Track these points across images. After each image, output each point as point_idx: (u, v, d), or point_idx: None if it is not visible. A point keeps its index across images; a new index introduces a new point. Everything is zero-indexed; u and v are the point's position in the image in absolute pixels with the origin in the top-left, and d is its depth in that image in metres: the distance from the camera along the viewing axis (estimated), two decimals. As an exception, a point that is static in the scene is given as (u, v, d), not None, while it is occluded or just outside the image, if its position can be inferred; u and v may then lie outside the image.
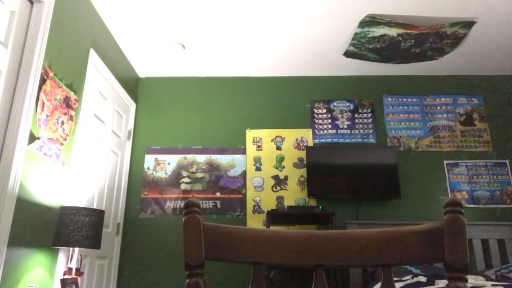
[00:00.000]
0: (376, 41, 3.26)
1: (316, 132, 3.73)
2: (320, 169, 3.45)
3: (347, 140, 3.70)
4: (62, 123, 2.38)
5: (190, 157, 3.67)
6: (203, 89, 3.89)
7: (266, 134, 3.73)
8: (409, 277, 2.46)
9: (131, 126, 3.71)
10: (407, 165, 3.57)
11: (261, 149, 3.68)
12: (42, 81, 2.16)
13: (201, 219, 0.66)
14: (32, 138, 2.07)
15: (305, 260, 0.66)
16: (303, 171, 3.59)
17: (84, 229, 2.15)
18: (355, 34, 3.17)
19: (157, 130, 3.78)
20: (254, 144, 3.70)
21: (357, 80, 3.89)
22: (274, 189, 3.57)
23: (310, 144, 3.69)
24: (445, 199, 0.62)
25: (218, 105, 3.82)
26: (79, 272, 2.28)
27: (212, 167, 3.64)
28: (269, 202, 3.51)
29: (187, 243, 0.65)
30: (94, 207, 2.85)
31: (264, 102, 3.83)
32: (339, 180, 3.42)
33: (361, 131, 3.74)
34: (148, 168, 3.64)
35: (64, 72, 2.42)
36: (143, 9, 2.91)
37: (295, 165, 3.63)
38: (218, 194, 3.54)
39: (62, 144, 2.37)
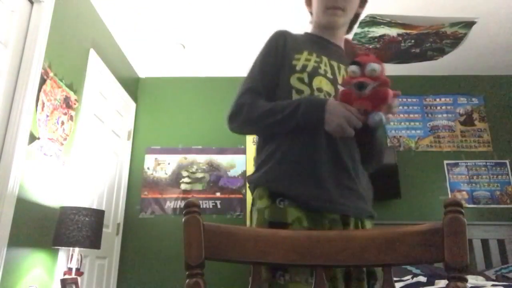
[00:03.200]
0: (376, 41, 3.26)
1: (316, 132, 3.73)
2: (320, 169, 3.44)
3: (347, 140, 3.70)
4: (62, 123, 2.38)
5: (190, 157, 3.67)
6: (203, 89, 3.89)
7: (266, 134, 3.72)
8: (409, 277, 2.46)
9: (131, 126, 3.71)
10: (407, 165, 3.56)
11: (261, 149, 3.68)
12: (42, 81, 2.16)
13: (201, 219, 0.66)
14: (32, 138, 2.07)
15: (305, 260, 0.66)
16: (303, 171, 3.58)
17: (84, 229, 2.15)
18: (355, 34, 3.17)
19: (157, 130, 3.78)
20: (254, 144, 3.69)
21: (357, 80, 3.88)
22: (274, 189, 3.56)
23: (310, 144, 3.68)
24: (445, 199, 0.63)
25: (218, 105, 3.81)
26: (79, 272, 2.28)
27: (212, 167, 3.64)
28: (269, 202, 3.50)
29: (187, 243, 0.65)
30: (94, 207, 2.85)
31: (264, 102, 3.83)
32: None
33: (361, 131, 3.73)
34: (148, 168, 3.64)
35: (64, 72, 2.42)
36: (143, 9, 2.91)
37: (295, 165, 3.63)
38: (218, 194, 3.54)
39: (62, 144, 2.37)
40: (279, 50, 1.19)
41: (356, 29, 3.09)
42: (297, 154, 1.08)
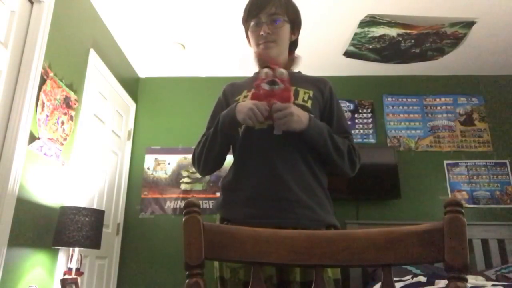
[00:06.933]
0: (376, 41, 3.26)
1: (316, 132, 3.72)
2: (320, 169, 3.44)
3: (347, 140, 3.69)
4: (62, 123, 2.38)
5: (190, 157, 3.66)
6: (203, 89, 3.89)
7: (266, 134, 3.72)
8: (409, 277, 2.46)
9: (131, 126, 3.71)
10: (407, 165, 3.56)
11: (261, 149, 3.67)
12: (42, 81, 2.16)
13: (201, 219, 0.66)
14: (32, 138, 2.07)
15: (305, 260, 0.66)
16: (303, 171, 3.58)
17: (84, 229, 2.15)
18: (355, 34, 3.17)
19: (157, 130, 3.77)
20: (254, 144, 3.69)
21: (357, 80, 3.89)
22: (274, 189, 3.56)
23: (310, 144, 3.68)
24: (445, 199, 0.63)
25: (218, 105, 3.81)
26: (79, 272, 2.28)
27: (212, 167, 3.63)
28: (269, 202, 3.50)
29: (187, 243, 0.65)
30: (94, 207, 2.85)
31: (264, 102, 3.82)
32: (338, 180, 3.42)
33: (361, 131, 3.73)
34: (148, 168, 3.64)
35: (64, 72, 2.42)
36: (143, 9, 2.91)
37: (295, 165, 3.62)
38: (218, 194, 3.54)
39: (62, 144, 2.37)
40: (224, 100, 1.42)
41: (356, 29, 3.09)
42: (235, 182, 1.25)
